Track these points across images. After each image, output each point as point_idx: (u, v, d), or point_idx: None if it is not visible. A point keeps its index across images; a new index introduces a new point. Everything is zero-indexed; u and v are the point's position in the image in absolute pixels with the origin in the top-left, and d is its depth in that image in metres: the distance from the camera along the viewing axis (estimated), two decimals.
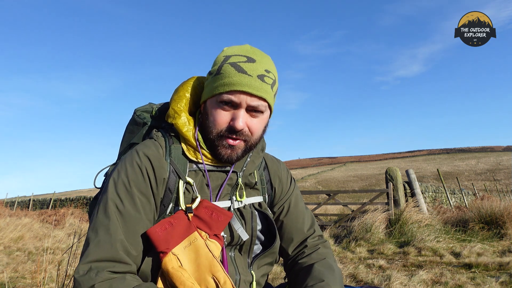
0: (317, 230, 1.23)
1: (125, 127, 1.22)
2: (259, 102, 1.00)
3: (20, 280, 4.00)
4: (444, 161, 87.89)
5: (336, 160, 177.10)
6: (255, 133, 1.04)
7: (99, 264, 0.87)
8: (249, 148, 1.06)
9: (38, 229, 8.23)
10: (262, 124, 1.06)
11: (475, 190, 20.21)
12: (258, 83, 0.98)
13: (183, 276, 0.89)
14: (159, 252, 0.92)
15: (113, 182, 0.97)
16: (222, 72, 1.00)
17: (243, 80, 0.97)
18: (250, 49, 1.04)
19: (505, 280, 3.54)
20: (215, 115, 1.01)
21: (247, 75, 0.97)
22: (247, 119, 1.01)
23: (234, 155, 1.03)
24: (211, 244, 0.96)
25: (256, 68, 0.99)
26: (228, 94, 0.98)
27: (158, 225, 0.94)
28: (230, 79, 0.98)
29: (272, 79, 1.03)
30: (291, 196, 1.24)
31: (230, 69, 0.99)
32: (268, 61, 1.04)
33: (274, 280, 3.79)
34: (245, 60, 1.00)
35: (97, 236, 0.90)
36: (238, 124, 0.98)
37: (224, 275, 0.93)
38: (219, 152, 1.02)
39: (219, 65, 1.01)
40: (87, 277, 0.85)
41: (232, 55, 1.01)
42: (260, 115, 1.03)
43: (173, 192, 1.01)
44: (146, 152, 1.00)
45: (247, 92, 0.97)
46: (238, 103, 0.98)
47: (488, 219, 6.10)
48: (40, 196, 44.81)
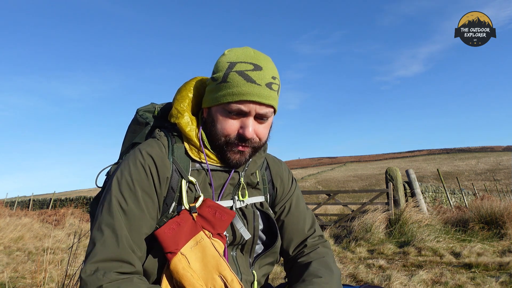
0: (317, 230, 1.23)
1: (127, 126, 1.22)
2: (267, 109, 1.01)
3: (20, 280, 4.00)
4: (444, 161, 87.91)
5: (336, 160, 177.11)
6: (263, 138, 1.06)
7: (106, 265, 0.88)
8: (256, 151, 1.08)
9: (38, 229, 8.23)
10: (268, 128, 1.09)
11: (475, 190, 20.23)
12: (267, 92, 0.99)
13: (193, 277, 0.90)
14: (166, 252, 0.92)
15: (117, 181, 0.97)
16: (229, 81, 0.99)
17: (253, 90, 0.97)
18: (253, 54, 1.03)
19: (505, 280, 3.54)
20: (224, 124, 1.01)
21: (256, 85, 0.98)
22: (255, 126, 1.03)
23: (243, 160, 1.05)
24: (215, 243, 0.97)
25: (263, 76, 0.99)
26: (237, 104, 0.98)
27: (165, 226, 0.94)
28: (239, 89, 0.97)
29: (278, 84, 1.04)
30: (292, 196, 1.24)
31: (238, 78, 0.98)
32: (272, 66, 1.05)
33: (274, 280, 3.79)
34: (252, 68, 0.99)
35: (103, 235, 0.91)
36: (249, 133, 1.00)
37: (231, 273, 0.94)
38: (228, 157, 1.03)
39: (224, 72, 1.01)
40: (94, 277, 0.85)
41: (237, 62, 1.00)
42: (266, 120, 1.05)
43: (176, 191, 1.02)
44: (149, 151, 1.01)
45: (256, 102, 0.98)
46: (247, 112, 0.99)
47: (488, 219, 6.10)
48: (40, 196, 44.80)
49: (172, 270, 0.91)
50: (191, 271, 0.91)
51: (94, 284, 0.84)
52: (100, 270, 0.86)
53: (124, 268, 0.89)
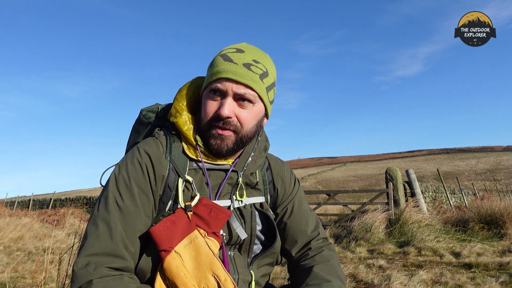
0: (321, 233, 1.21)
1: (132, 126, 1.23)
2: (245, 90, 1.00)
3: (20, 280, 4.00)
4: (444, 161, 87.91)
5: (336, 160, 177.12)
6: (245, 124, 1.03)
7: (97, 259, 0.88)
8: (240, 140, 1.05)
9: (38, 229, 8.23)
10: (252, 116, 1.05)
11: (475, 190, 20.20)
12: (244, 71, 1.00)
13: (186, 276, 0.90)
14: (159, 250, 0.92)
15: (114, 177, 0.99)
16: (212, 64, 1.04)
17: (228, 67, 0.99)
18: (245, 44, 1.07)
19: (505, 280, 3.54)
20: (206, 105, 1.03)
21: (233, 63, 1.00)
22: (235, 109, 1.01)
23: (224, 146, 1.03)
24: (210, 242, 0.97)
25: (243, 57, 1.01)
26: (215, 82, 1.01)
27: (160, 224, 0.94)
28: (217, 68, 1.01)
29: (262, 70, 1.03)
30: (295, 197, 1.23)
31: (219, 59, 1.02)
32: (259, 53, 1.05)
33: (274, 280, 3.79)
34: (234, 51, 1.03)
35: (97, 229, 0.91)
36: (223, 111, 0.98)
37: (224, 273, 0.94)
38: (210, 143, 1.03)
39: (212, 59, 1.06)
40: (85, 271, 0.86)
41: (225, 48, 1.06)
42: (250, 106, 1.03)
43: (173, 189, 1.02)
44: (147, 149, 1.02)
45: (231, 79, 0.99)
46: (225, 90, 1.00)
47: (488, 219, 6.10)
48: (40, 196, 44.81)
49: (166, 269, 0.91)
50: (184, 270, 0.91)
51: (84, 278, 0.85)
52: (91, 264, 0.87)
53: (116, 263, 0.90)
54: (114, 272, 0.89)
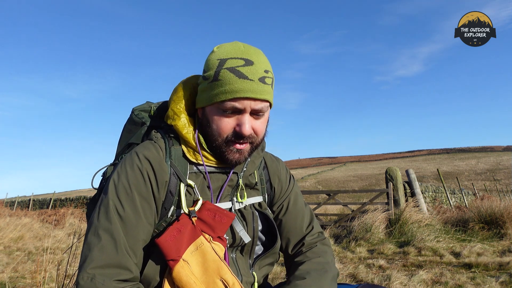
0: (315, 227, 1.22)
1: (123, 126, 1.20)
2: (262, 104, 0.98)
3: (20, 280, 4.00)
4: (444, 161, 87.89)
5: (336, 160, 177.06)
6: (260, 133, 1.04)
7: (104, 271, 0.86)
8: (254, 148, 1.06)
9: (38, 229, 8.23)
10: (265, 124, 1.06)
11: (475, 190, 20.19)
12: (261, 87, 0.96)
13: (195, 284, 0.90)
14: (167, 260, 0.91)
15: (114, 185, 0.95)
16: (221, 79, 0.96)
17: (246, 86, 0.94)
18: (244, 48, 0.99)
19: (505, 280, 3.54)
20: (219, 123, 0.99)
21: (249, 80, 0.95)
22: (252, 122, 1.00)
23: (243, 158, 1.03)
24: (215, 247, 0.96)
25: (256, 71, 0.96)
26: (231, 101, 0.95)
27: (166, 234, 0.92)
28: (231, 87, 0.94)
29: (271, 78, 1.01)
30: (290, 194, 1.23)
31: (230, 75, 0.95)
32: (264, 59, 1.01)
33: (274, 280, 3.79)
34: (243, 63, 0.96)
35: (100, 240, 0.89)
36: (246, 130, 0.97)
37: (232, 277, 0.93)
38: (227, 158, 1.01)
39: (215, 70, 0.97)
40: (93, 284, 0.84)
41: (227, 58, 0.97)
42: (262, 116, 1.02)
43: (175, 195, 1.00)
44: (147, 154, 0.98)
45: (251, 98, 0.96)
46: (243, 109, 0.97)
47: (488, 219, 6.10)
48: (40, 196, 44.77)
49: (175, 278, 0.90)
50: (193, 278, 0.90)
51: None
52: (98, 277, 0.85)
53: (123, 275, 0.88)
54: (122, 285, 0.87)
